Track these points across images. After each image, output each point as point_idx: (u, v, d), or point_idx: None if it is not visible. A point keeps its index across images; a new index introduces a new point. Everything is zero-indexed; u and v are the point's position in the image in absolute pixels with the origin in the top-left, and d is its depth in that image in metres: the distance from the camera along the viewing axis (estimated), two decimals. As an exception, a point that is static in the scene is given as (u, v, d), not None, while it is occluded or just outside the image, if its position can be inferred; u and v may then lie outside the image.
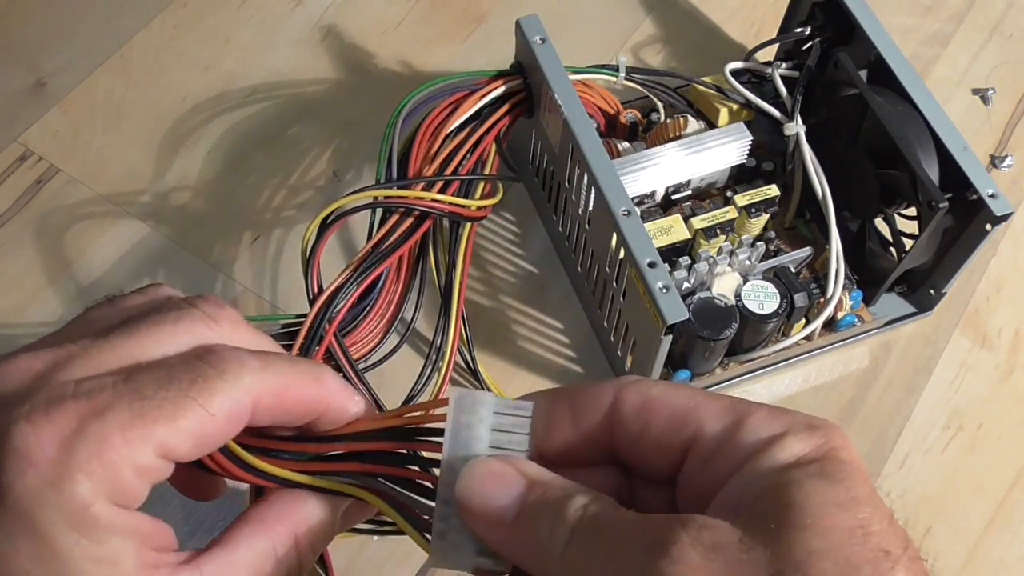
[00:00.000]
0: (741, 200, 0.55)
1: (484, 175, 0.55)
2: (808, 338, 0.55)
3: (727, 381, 0.57)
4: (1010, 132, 0.68)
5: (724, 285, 0.53)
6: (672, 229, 0.54)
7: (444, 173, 0.53)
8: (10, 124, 0.65)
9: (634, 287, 0.49)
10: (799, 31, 0.59)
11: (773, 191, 0.56)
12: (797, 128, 0.57)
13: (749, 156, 0.58)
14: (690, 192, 0.58)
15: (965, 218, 0.52)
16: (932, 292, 0.58)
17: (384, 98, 0.67)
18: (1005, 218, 0.51)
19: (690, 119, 0.58)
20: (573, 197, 0.55)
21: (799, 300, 0.53)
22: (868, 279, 0.57)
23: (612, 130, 0.60)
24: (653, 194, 0.57)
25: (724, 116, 0.59)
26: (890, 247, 0.57)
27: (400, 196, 0.52)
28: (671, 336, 0.48)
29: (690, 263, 0.54)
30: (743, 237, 0.55)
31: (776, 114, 0.58)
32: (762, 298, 0.53)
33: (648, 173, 0.55)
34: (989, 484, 0.56)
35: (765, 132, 0.59)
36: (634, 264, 0.48)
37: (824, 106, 0.57)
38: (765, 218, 0.56)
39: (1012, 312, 0.62)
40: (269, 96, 0.67)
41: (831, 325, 0.57)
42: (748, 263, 0.55)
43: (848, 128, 0.55)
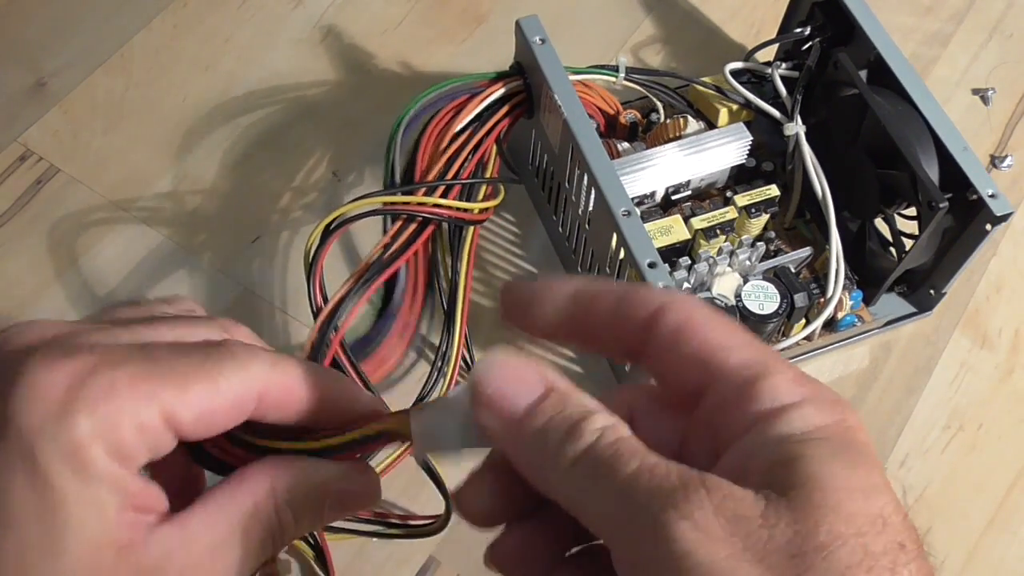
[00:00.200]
0: (741, 200, 0.55)
1: (486, 178, 0.55)
2: (808, 338, 0.55)
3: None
4: (1010, 132, 0.68)
5: (724, 285, 0.53)
6: (672, 229, 0.54)
7: (446, 177, 0.53)
8: (10, 124, 0.65)
9: (634, 288, 0.49)
10: (799, 31, 0.59)
11: (773, 191, 0.56)
12: (797, 128, 0.57)
13: (749, 156, 0.58)
14: (690, 192, 0.58)
15: (965, 218, 0.53)
16: (932, 292, 0.58)
17: (384, 98, 0.67)
18: (1005, 218, 0.51)
19: (690, 119, 0.58)
20: (573, 197, 0.55)
21: (799, 300, 0.53)
22: (868, 279, 0.57)
23: (612, 130, 0.60)
24: (653, 194, 0.57)
25: (724, 116, 0.59)
26: (890, 247, 0.57)
27: (403, 202, 0.52)
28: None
29: (690, 263, 0.54)
30: (743, 237, 0.55)
31: (776, 114, 0.58)
32: (762, 298, 0.53)
33: (648, 173, 0.55)
34: (989, 484, 0.56)
35: (765, 132, 0.59)
36: (634, 265, 0.48)
37: (824, 106, 0.57)
38: (765, 218, 0.56)
39: (1012, 312, 0.62)
40: (269, 96, 0.67)
41: (831, 325, 0.57)
42: (748, 263, 0.55)
43: (848, 128, 0.55)
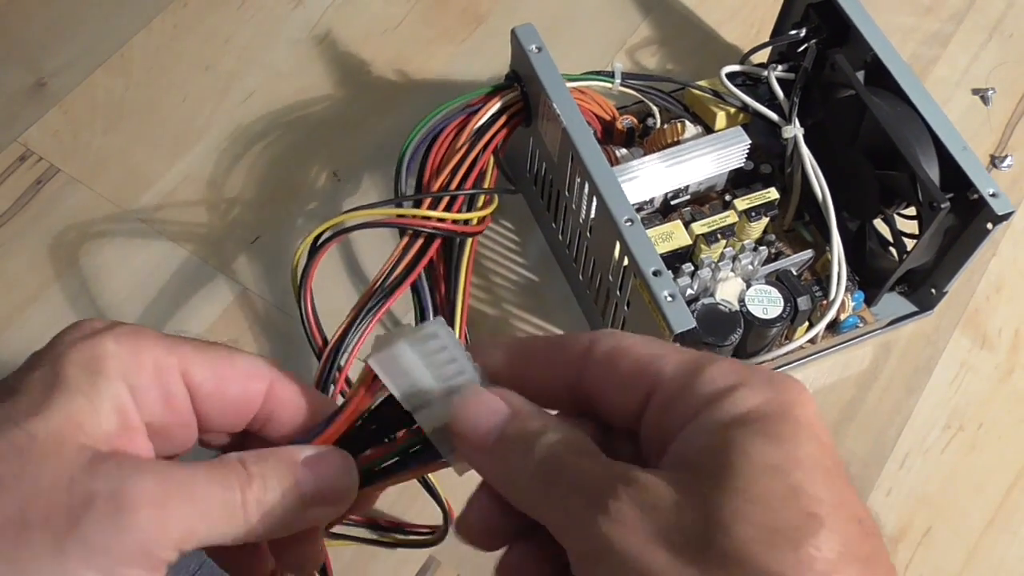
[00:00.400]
0: (741, 204, 0.55)
1: (484, 189, 0.55)
2: (812, 341, 0.56)
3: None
4: (1010, 132, 0.68)
5: (727, 290, 0.53)
6: (673, 235, 0.54)
7: (448, 189, 0.53)
8: (10, 124, 0.65)
9: (639, 296, 0.49)
10: (794, 33, 0.59)
11: (772, 194, 0.56)
12: (795, 130, 0.57)
13: (747, 159, 0.58)
14: (689, 197, 0.58)
15: (966, 218, 0.53)
16: (933, 291, 0.58)
17: (384, 98, 0.67)
18: (1006, 217, 0.51)
19: (687, 124, 0.58)
20: (573, 205, 0.55)
21: (802, 303, 0.53)
22: (869, 279, 0.57)
23: (609, 136, 0.60)
24: (652, 200, 0.57)
25: (721, 120, 0.59)
26: (890, 247, 0.57)
27: (398, 215, 0.51)
28: (677, 344, 0.48)
29: (693, 269, 0.54)
30: (744, 241, 0.55)
31: (774, 117, 0.58)
32: (766, 303, 0.53)
33: (647, 179, 0.55)
34: (989, 484, 0.56)
35: (762, 135, 0.59)
36: (638, 273, 0.48)
37: (821, 108, 0.57)
38: (765, 221, 0.56)
39: (1012, 312, 0.62)
40: (269, 96, 0.67)
41: (834, 327, 0.57)
42: (751, 268, 0.55)
43: (846, 129, 0.55)
